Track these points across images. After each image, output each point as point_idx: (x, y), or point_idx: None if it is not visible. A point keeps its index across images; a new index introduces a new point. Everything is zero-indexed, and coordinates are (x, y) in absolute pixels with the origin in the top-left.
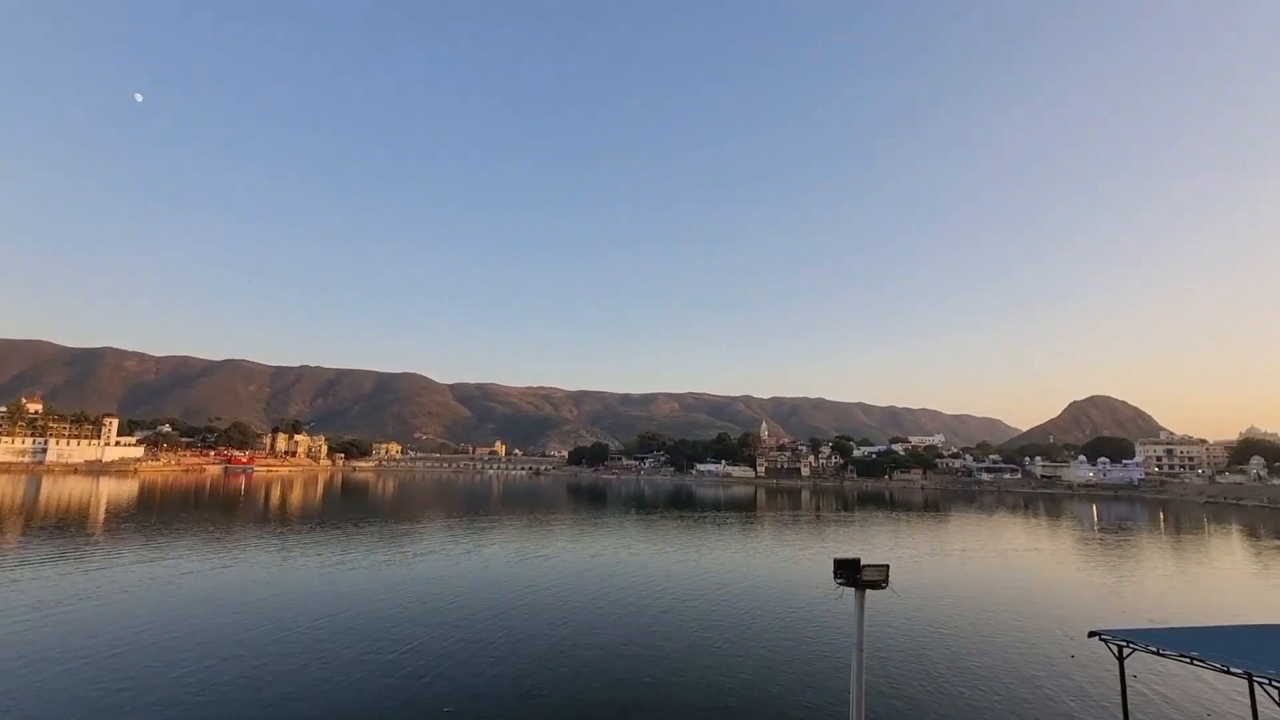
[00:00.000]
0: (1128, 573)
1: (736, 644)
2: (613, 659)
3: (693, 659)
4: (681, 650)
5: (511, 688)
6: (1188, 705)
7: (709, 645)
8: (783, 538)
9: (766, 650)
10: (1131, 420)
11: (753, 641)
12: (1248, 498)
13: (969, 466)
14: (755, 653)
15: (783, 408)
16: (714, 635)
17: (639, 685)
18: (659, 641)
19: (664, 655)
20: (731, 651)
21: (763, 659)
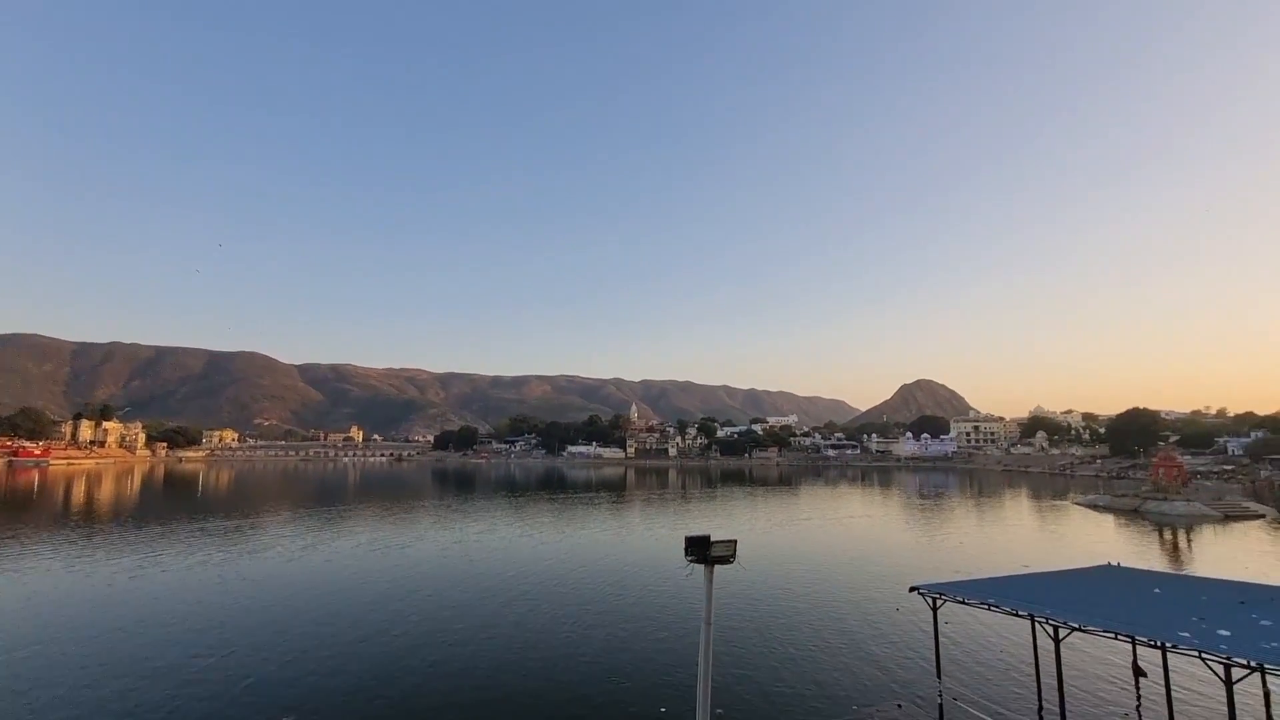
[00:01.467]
0: (942, 533)
1: (594, 624)
2: (466, 645)
3: (548, 640)
4: (537, 631)
5: (352, 688)
6: (986, 644)
7: (566, 626)
8: (649, 516)
9: (623, 628)
10: (949, 401)
11: (610, 620)
12: (1034, 465)
13: (817, 444)
14: (611, 631)
15: (652, 390)
16: (572, 616)
17: (491, 670)
18: (515, 624)
19: (519, 638)
20: (588, 631)
21: (618, 637)
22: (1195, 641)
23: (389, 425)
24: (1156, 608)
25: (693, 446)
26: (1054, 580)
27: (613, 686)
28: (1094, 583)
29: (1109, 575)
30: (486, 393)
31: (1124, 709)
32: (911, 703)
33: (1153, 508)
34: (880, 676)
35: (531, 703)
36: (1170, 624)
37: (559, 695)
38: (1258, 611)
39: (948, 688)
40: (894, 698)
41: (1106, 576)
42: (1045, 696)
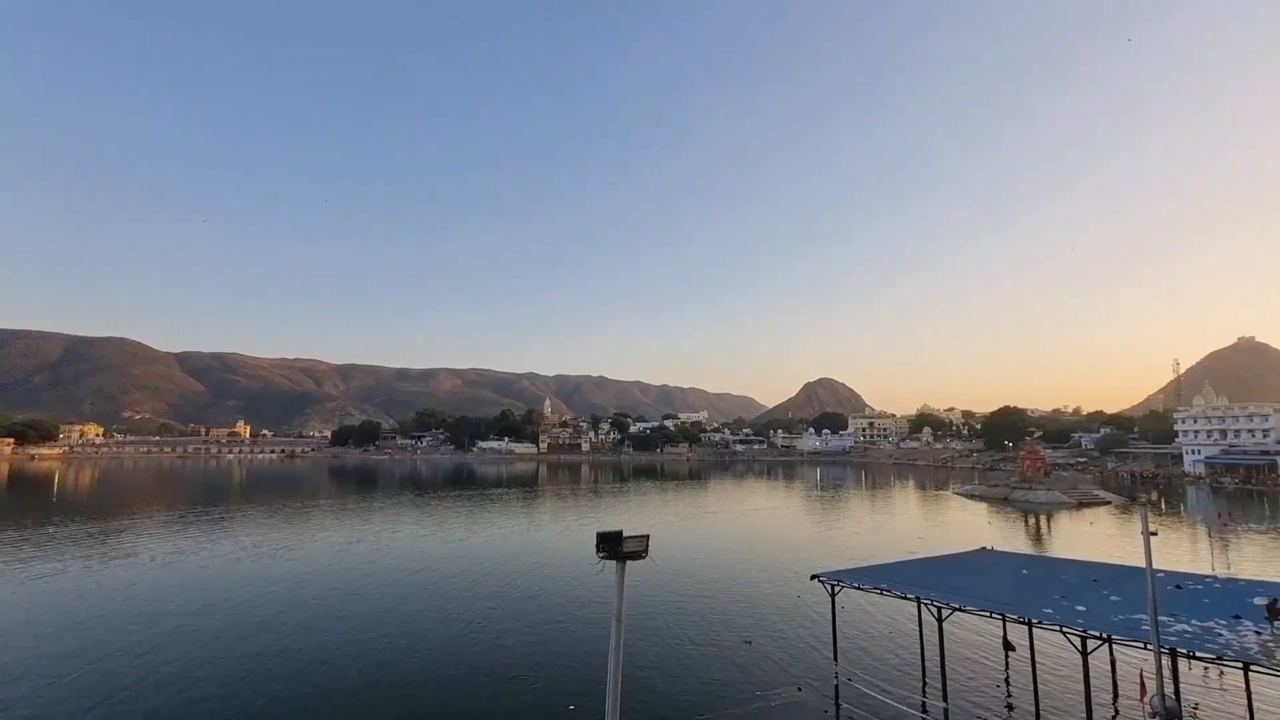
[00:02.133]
0: (840, 523)
1: (502, 623)
2: (359, 647)
3: (452, 639)
4: (441, 631)
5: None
6: (879, 625)
7: (473, 625)
8: (561, 512)
9: (532, 627)
10: (848, 399)
11: (519, 619)
12: (920, 459)
13: (727, 440)
14: (520, 630)
15: (567, 385)
16: (479, 615)
17: (389, 673)
18: (417, 624)
19: (420, 638)
20: (496, 630)
21: (527, 635)
22: (1057, 617)
23: (281, 420)
24: (1024, 587)
25: (606, 442)
26: (937, 564)
27: (521, 686)
28: (972, 566)
29: (984, 559)
30: (391, 386)
31: (996, 680)
32: (811, 684)
33: (1020, 496)
34: (783, 661)
35: (436, 704)
36: (1036, 602)
37: (465, 696)
38: (1108, 588)
39: (844, 668)
40: (795, 681)
41: (982, 560)
42: (929, 671)
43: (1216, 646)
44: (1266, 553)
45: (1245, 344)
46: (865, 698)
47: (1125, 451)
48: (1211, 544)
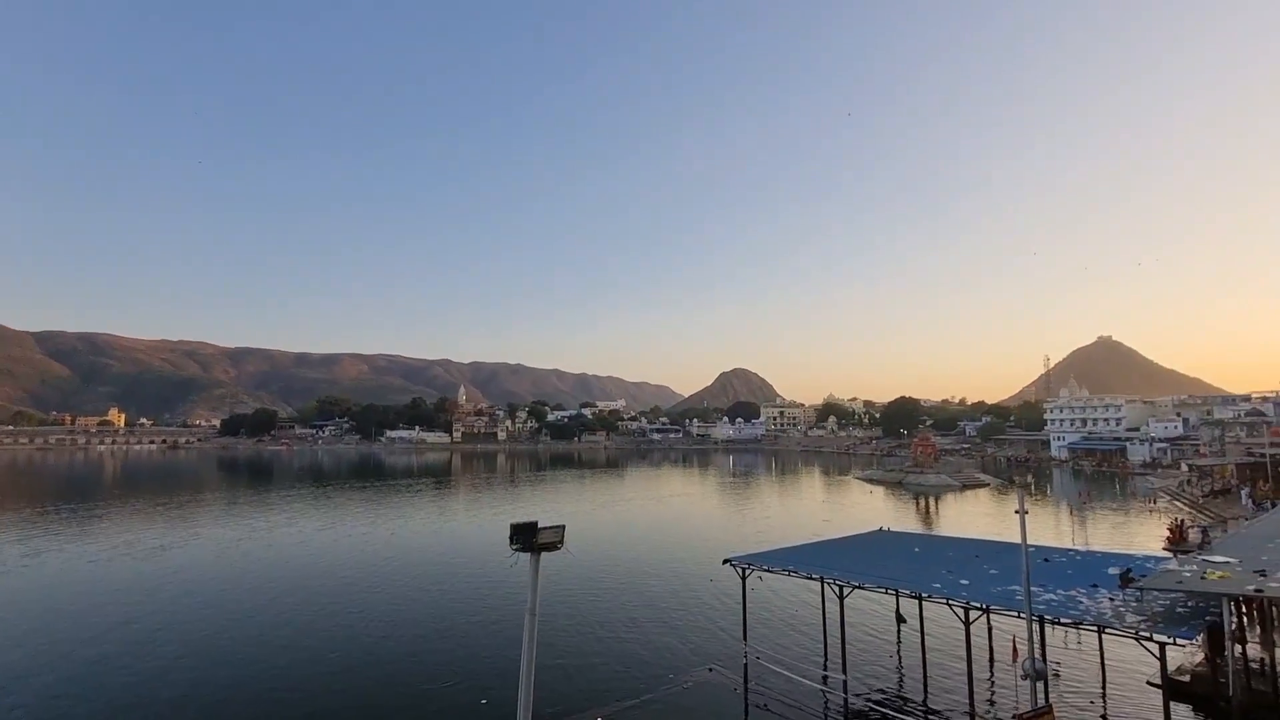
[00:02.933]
0: (751, 508)
1: (412, 618)
2: (245, 662)
3: (360, 638)
4: (347, 630)
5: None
6: (786, 605)
7: (381, 622)
8: (475, 503)
9: (444, 622)
10: (761, 388)
11: (430, 613)
12: (826, 446)
13: (644, 428)
14: (431, 625)
15: (482, 372)
16: (388, 611)
17: (276, 684)
18: (319, 625)
19: (323, 637)
20: (405, 627)
21: (438, 631)
22: (943, 591)
23: (162, 408)
24: (916, 564)
25: (523, 430)
26: (839, 546)
27: (433, 684)
28: (870, 546)
29: (881, 539)
30: (290, 372)
31: (890, 651)
32: (721, 665)
33: (912, 480)
34: (695, 644)
35: (345, 703)
36: (925, 577)
37: (373, 698)
38: (988, 563)
39: (753, 647)
40: (706, 662)
41: (879, 540)
42: (831, 646)
43: (1078, 612)
44: (1118, 527)
45: (1104, 342)
46: (772, 674)
47: (1003, 438)
48: (1073, 520)
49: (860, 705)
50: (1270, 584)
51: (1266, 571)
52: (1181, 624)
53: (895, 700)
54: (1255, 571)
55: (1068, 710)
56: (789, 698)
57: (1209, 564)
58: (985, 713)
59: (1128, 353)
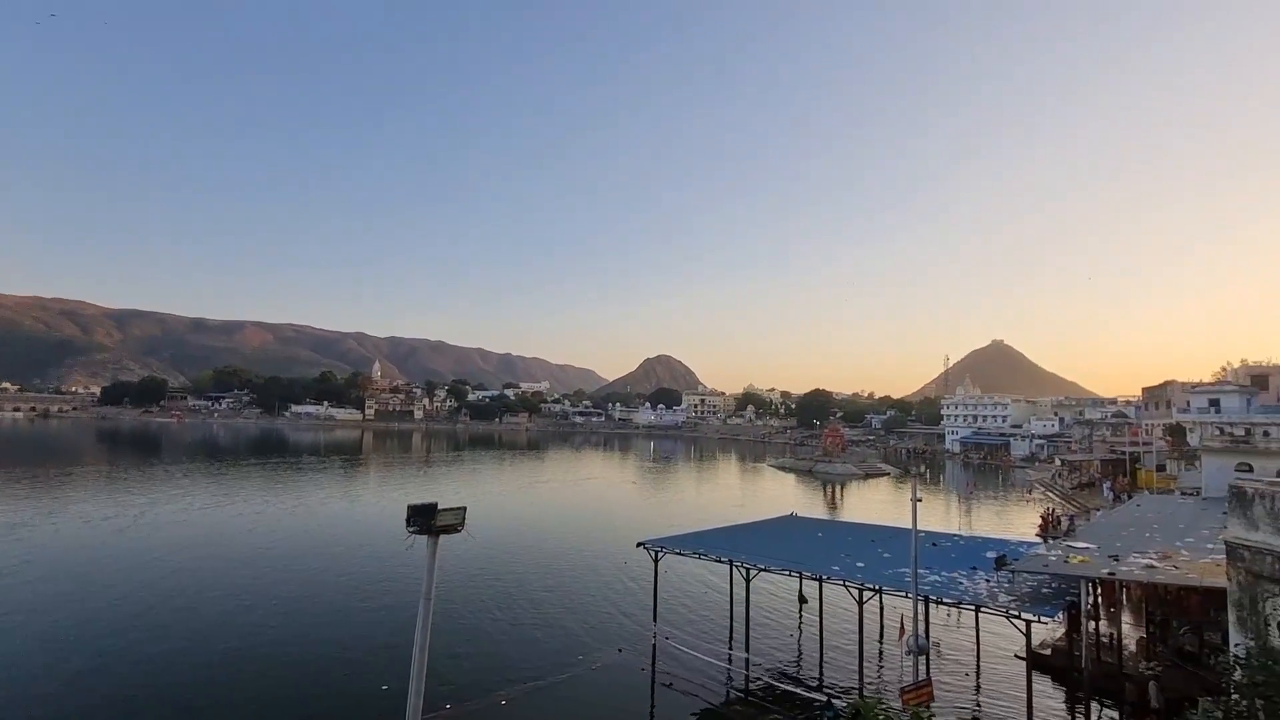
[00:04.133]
0: (668, 492)
1: (311, 602)
2: (123, 651)
3: (251, 624)
4: (229, 620)
5: None
6: (696, 587)
7: (275, 607)
8: (384, 483)
9: (345, 606)
10: (684, 376)
11: (329, 597)
12: (744, 434)
13: (567, 411)
14: (330, 610)
15: (401, 348)
16: (283, 596)
17: (147, 668)
18: (200, 613)
19: (203, 630)
20: (303, 612)
21: (338, 615)
22: (841, 573)
23: (31, 372)
24: (818, 548)
25: (441, 410)
26: (750, 530)
27: (331, 669)
28: (778, 530)
29: (789, 524)
30: (184, 338)
31: (791, 630)
32: (631, 646)
33: (821, 468)
34: (605, 626)
35: (232, 695)
36: (826, 560)
37: (267, 683)
38: (882, 547)
39: (662, 629)
40: (616, 644)
41: (787, 525)
42: (737, 627)
43: (958, 593)
44: (998, 515)
45: (997, 345)
46: (679, 654)
47: (905, 431)
48: (960, 508)
49: (761, 681)
50: (1121, 568)
51: (1119, 556)
52: (1046, 603)
53: (794, 676)
54: (1110, 556)
55: (945, 682)
56: (695, 676)
57: (1071, 549)
58: (873, 686)
59: (1017, 356)
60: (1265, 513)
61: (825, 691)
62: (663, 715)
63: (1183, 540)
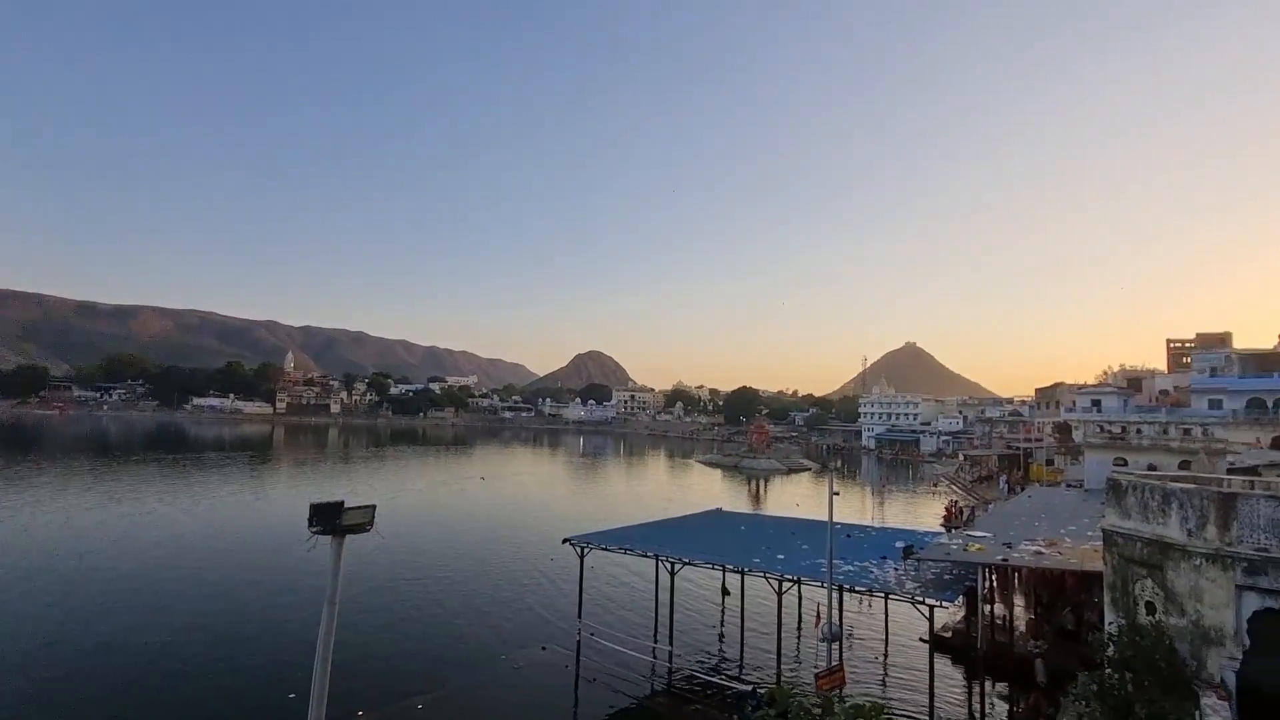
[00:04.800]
0: (597, 488)
1: (209, 609)
2: None
3: (150, 633)
4: (113, 630)
5: None
6: (622, 583)
7: (172, 614)
8: (298, 480)
9: (247, 612)
10: (614, 372)
11: (230, 604)
12: (673, 430)
13: (495, 406)
14: (231, 617)
15: (317, 339)
16: (178, 603)
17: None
18: (73, 624)
19: (91, 643)
20: (202, 619)
21: (239, 622)
22: (762, 565)
23: None
24: (742, 541)
25: (360, 404)
26: (676, 525)
27: (235, 679)
28: (703, 525)
29: (715, 518)
30: (68, 323)
31: (714, 622)
32: (555, 642)
33: (747, 464)
34: (531, 623)
35: (136, 713)
36: (748, 553)
37: (168, 699)
38: (801, 539)
39: (587, 624)
40: (540, 641)
41: (713, 519)
42: (661, 620)
43: (869, 581)
44: (907, 507)
45: (910, 347)
46: (604, 649)
47: (825, 428)
48: (874, 501)
49: (684, 673)
50: (1013, 554)
51: (1012, 544)
52: (948, 589)
53: (715, 666)
54: (1004, 544)
55: (857, 666)
56: (619, 671)
57: (970, 538)
58: (791, 673)
59: (928, 357)
60: (1136, 503)
61: (745, 680)
62: (585, 711)
63: (1066, 528)
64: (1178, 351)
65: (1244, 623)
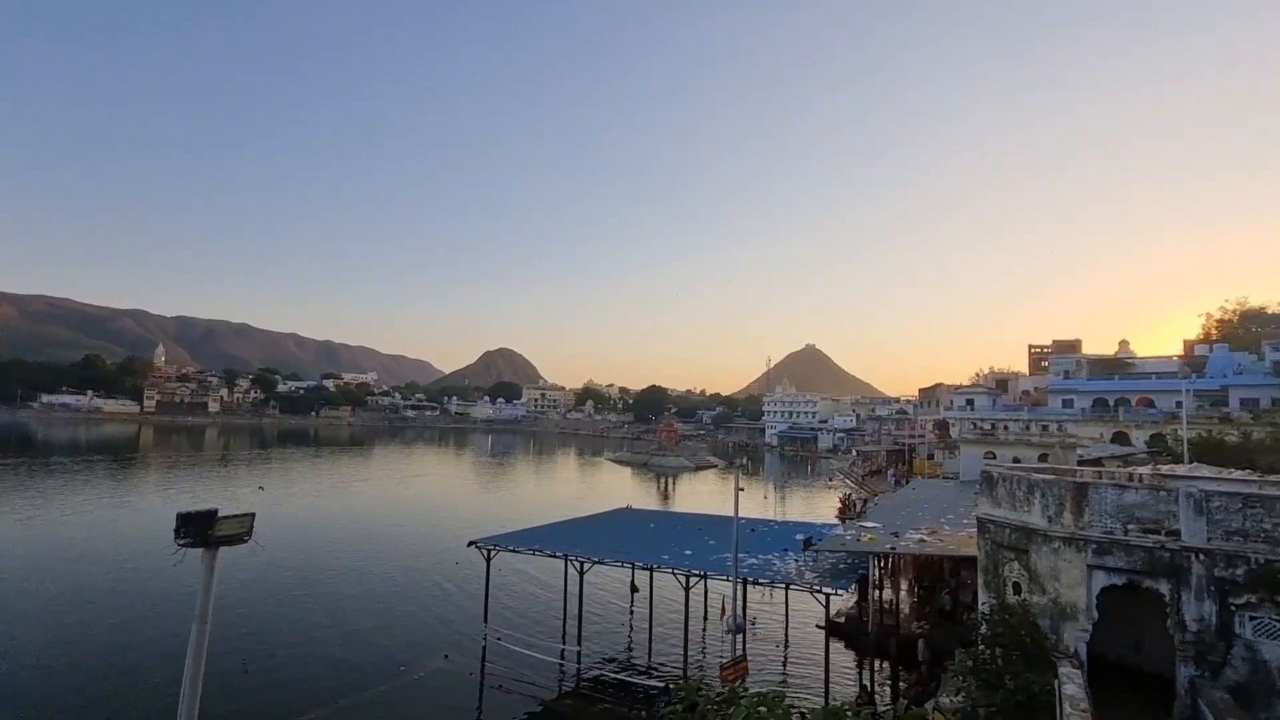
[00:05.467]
0: (506, 488)
1: (67, 631)
2: None
3: None
4: None
5: None
6: (531, 584)
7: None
8: (169, 487)
9: (111, 633)
10: (525, 370)
11: (89, 625)
12: (583, 429)
13: (397, 404)
14: (92, 638)
15: (193, 330)
16: (27, 625)
17: None
18: None
19: None
20: (60, 642)
21: (102, 643)
22: (670, 561)
23: None
24: (651, 538)
25: (243, 402)
26: (586, 523)
27: (93, 703)
28: (613, 523)
29: (625, 516)
30: None
31: (623, 619)
32: (459, 650)
33: (656, 461)
34: (433, 632)
35: None
36: (657, 550)
37: None
38: (709, 534)
39: (493, 629)
40: (443, 649)
41: (623, 517)
42: (570, 621)
43: (771, 573)
44: (807, 500)
45: (810, 349)
46: (510, 653)
47: (732, 426)
48: (776, 496)
49: (592, 672)
50: (900, 542)
51: (899, 533)
52: (842, 577)
53: (624, 663)
54: (892, 533)
55: (759, 655)
56: (526, 675)
57: (863, 529)
58: (697, 666)
59: (825, 359)
60: (1005, 493)
61: (654, 676)
62: (491, 718)
63: (946, 517)
64: (1038, 356)
65: (1094, 598)
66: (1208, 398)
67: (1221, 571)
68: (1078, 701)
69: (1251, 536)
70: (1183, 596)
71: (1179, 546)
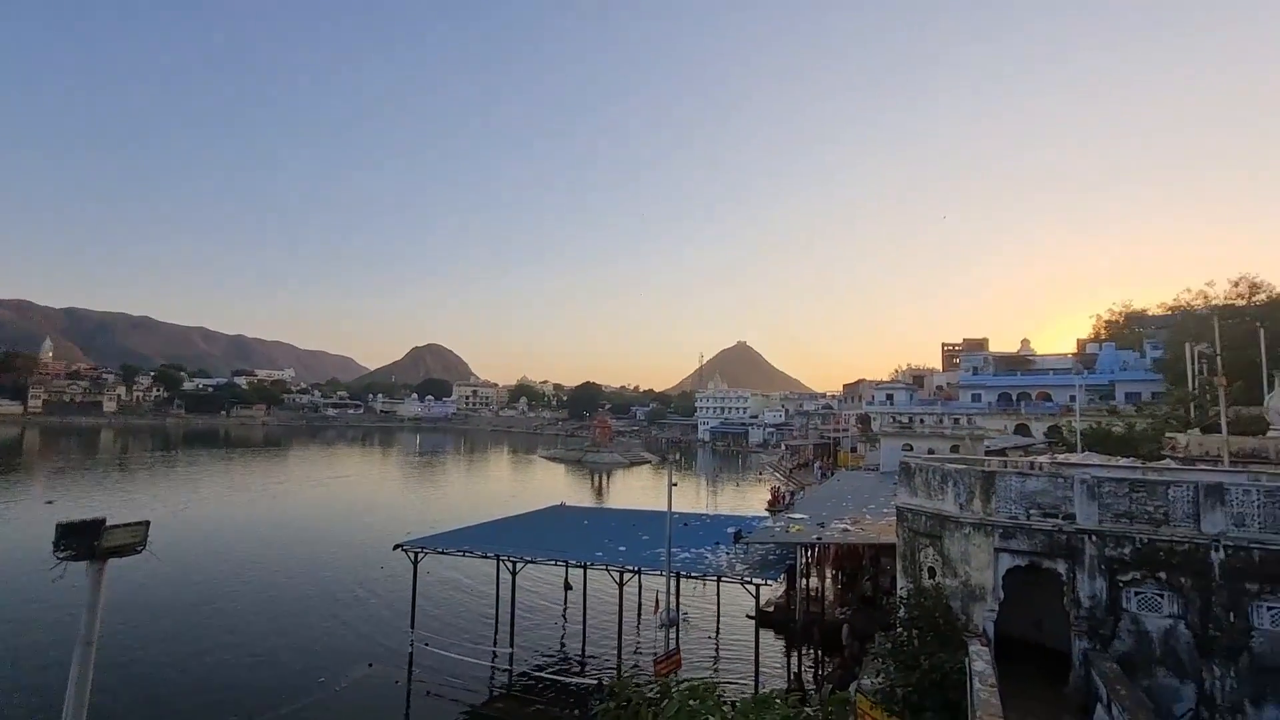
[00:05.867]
0: (434, 489)
1: None
2: None
3: None
4: None
5: None
6: (461, 587)
7: None
8: (52, 494)
9: None
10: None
11: None
12: (516, 426)
13: (317, 403)
14: None
15: (86, 323)
16: None
17: None
18: None
19: None
20: None
21: None
22: (604, 558)
23: None
24: (585, 535)
25: (144, 401)
26: (518, 522)
27: None
28: (546, 521)
29: (558, 513)
30: None
31: (556, 618)
32: (384, 658)
33: (590, 458)
34: (355, 641)
35: None
36: (591, 547)
37: None
38: (643, 530)
39: (420, 634)
40: (367, 657)
41: (556, 515)
42: (502, 621)
43: (703, 567)
44: (738, 494)
45: (741, 345)
46: (439, 658)
47: (665, 422)
48: (709, 490)
49: (526, 674)
50: (825, 532)
51: (824, 524)
52: (771, 568)
53: (558, 663)
54: (818, 524)
55: (693, 648)
56: (457, 679)
57: (791, 520)
58: (631, 662)
59: (756, 356)
60: (922, 482)
61: (588, 675)
62: None
63: (868, 507)
64: (950, 353)
65: (1000, 580)
66: (1097, 392)
67: (1111, 551)
68: (986, 677)
69: (1136, 518)
70: (1077, 575)
71: (1074, 529)
